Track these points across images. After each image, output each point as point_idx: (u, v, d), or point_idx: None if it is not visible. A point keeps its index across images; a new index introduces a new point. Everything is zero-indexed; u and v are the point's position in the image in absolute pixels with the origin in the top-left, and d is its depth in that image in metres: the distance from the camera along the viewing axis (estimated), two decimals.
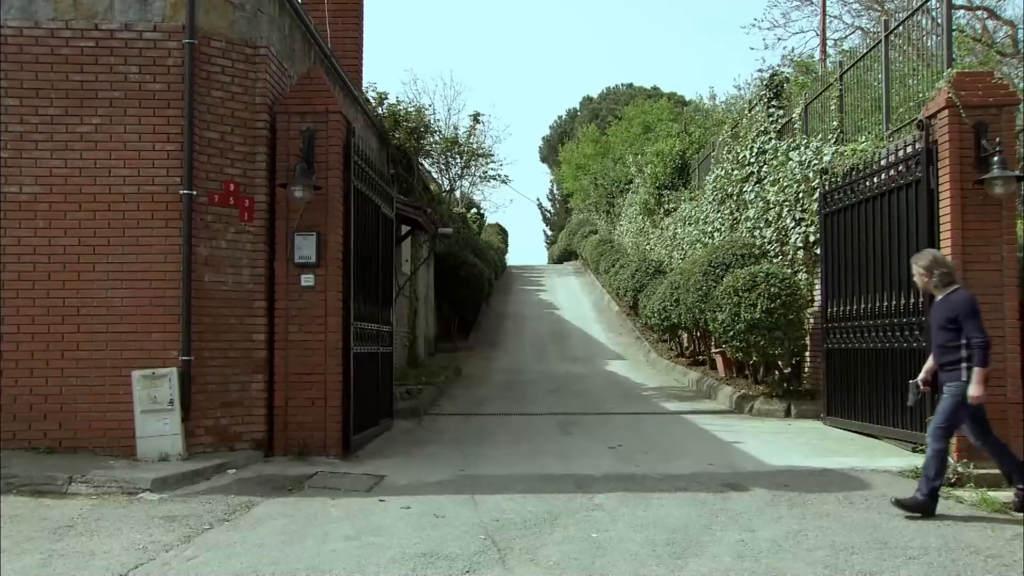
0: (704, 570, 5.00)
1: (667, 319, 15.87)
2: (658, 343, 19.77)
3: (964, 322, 6.40)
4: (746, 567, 5.06)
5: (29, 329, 7.51)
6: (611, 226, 33.34)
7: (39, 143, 7.64)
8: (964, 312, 6.42)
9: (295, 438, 8.13)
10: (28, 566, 4.88)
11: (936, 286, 6.65)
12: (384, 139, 14.73)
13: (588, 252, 34.75)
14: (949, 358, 6.48)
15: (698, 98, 43.04)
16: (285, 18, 8.91)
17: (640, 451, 8.73)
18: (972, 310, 6.43)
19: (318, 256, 8.23)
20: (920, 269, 6.75)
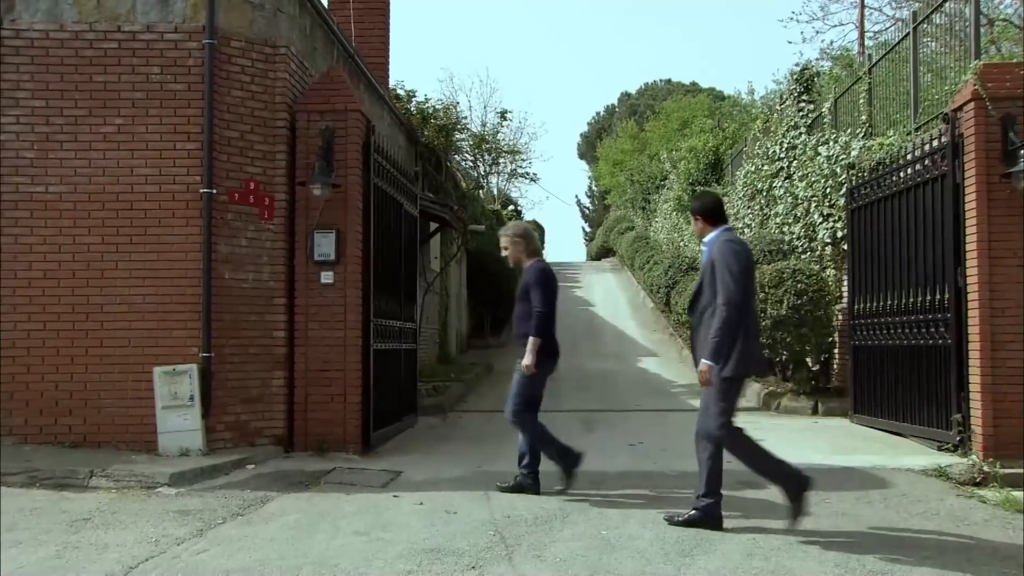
0: (712, 568, 4.96)
1: None
2: None
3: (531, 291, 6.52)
4: (755, 565, 5.01)
5: (55, 326, 7.66)
6: (647, 222, 33.19)
7: (64, 143, 7.78)
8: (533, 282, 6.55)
9: (315, 434, 8.21)
10: (43, 558, 4.98)
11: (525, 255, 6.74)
12: (412, 137, 14.79)
13: (624, 249, 34.65)
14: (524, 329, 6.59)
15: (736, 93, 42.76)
16: (306, 17, 8.98)
17: (659, 448, 8.69)
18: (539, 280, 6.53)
19: (337, 253, 8.29)
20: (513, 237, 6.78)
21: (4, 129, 7.80)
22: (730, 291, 5.58)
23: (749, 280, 5.76)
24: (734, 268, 5.61)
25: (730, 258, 5.64)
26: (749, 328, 5.71)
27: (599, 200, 59.08)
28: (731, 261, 5.63)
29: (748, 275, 5.75)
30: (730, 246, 5.72)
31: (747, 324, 5.69)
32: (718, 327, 5.58)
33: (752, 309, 5.84)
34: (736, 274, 5.60)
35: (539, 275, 6.56)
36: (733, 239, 5.84)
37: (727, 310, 5.57)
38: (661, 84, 58.92)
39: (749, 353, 5.69)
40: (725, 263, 5.63)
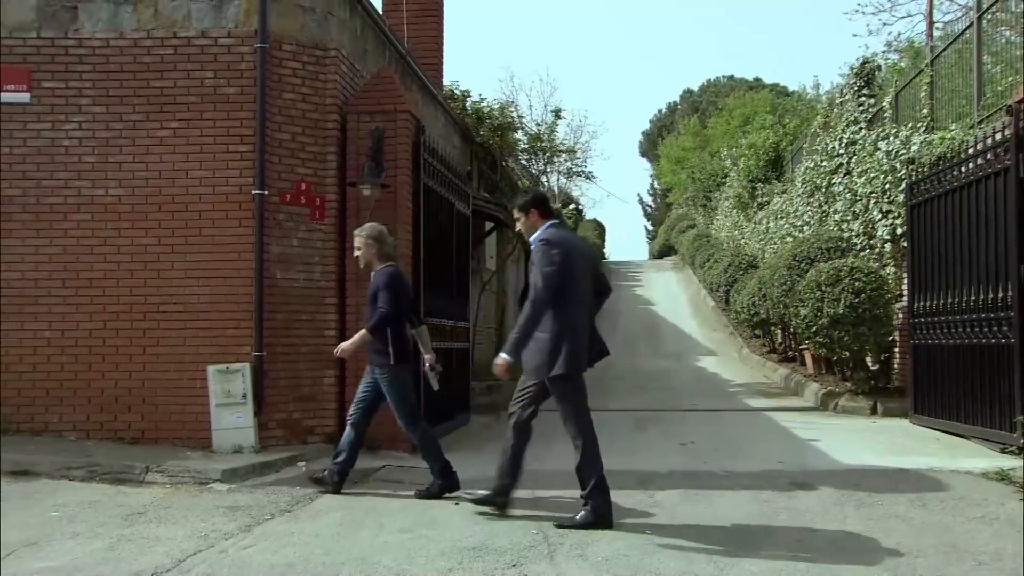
0: (755, 569, 4.89)
1: (756, 314, 15.58)
2: (751, 339, 19.40)
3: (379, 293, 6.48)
4: (800, 568, 4.93)
5: (114, 325, 7.88)
6: (708, 220, 32.88)
7: (123, 147, 8.00)
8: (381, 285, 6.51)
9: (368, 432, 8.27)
10: (97, 549, 5.12)
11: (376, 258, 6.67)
12: (467, 137, 14.85)
13: (685, 247, 34.39)
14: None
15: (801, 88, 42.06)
16: (356, 20, 9.08)
17: (711, 448, 8.60)
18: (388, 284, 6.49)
19: None
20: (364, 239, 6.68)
21: (68, 135, 8.06)
22: (538, 291, 5.63)
23: (567, 278, 5.71)
24: (546, 269, 5.65)
25: (543, 257, 5.69)
26: (574, 328, 5.73)
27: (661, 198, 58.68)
28: (543, 260, 5.68)
29: (565, 274, 5.70)
30: (546, 246, 5.73)
31: (572, 322, 5.70)
32: (521, 323, 5.68)
33: (579, 307, 5.82)
34: (548, 275, 5.63)
35: (388, 279, 6.55)
36: (550, 237, 5.81)
37: (532, 309, 5.64)
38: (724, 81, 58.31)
39: (578, 353, 5.74)
40: (538, 261, 5.71)
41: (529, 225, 5.95)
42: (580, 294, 5.83)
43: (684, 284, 31.05)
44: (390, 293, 6.47)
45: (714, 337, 21.48)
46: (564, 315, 5.68)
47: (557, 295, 5.65)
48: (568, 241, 5.91)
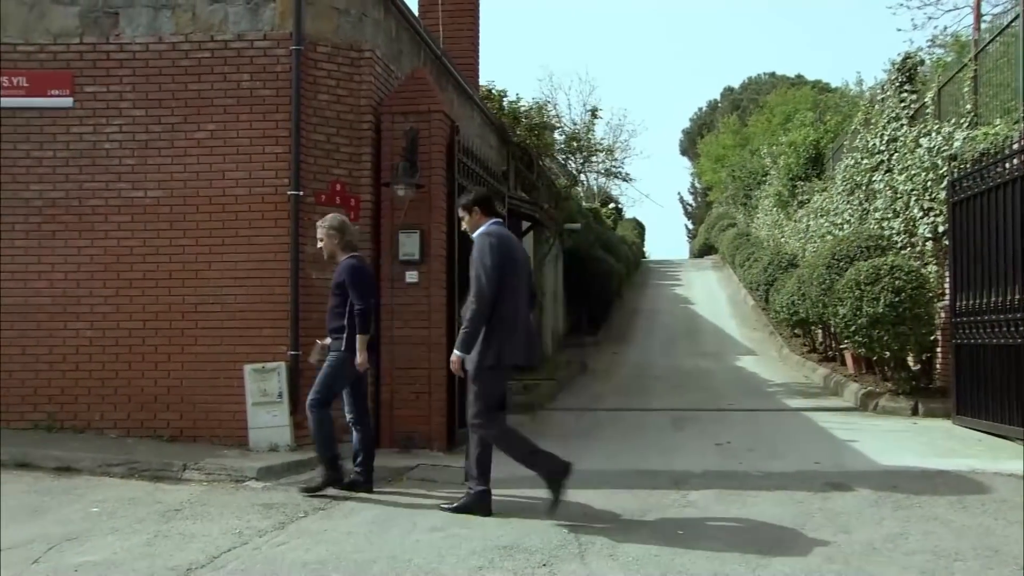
0: (787, 571, 4.85)
1: (795, 313, 15.42)
2: (791, 338, 19.20)
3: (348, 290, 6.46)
4: (834, 569, 4.88)
5: (153, 325, 8.01)
6: (748, 219, 32.61)
7: (161, 150, 8.13)
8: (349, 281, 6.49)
9: (400, 431, 8.35)
10: (134, 545, 5.22)
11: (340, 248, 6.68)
12: (504, 137, 14.87)
13: (725, 246, 34.17)
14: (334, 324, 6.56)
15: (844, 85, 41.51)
16: (391, 21, 9.14)
17: (747, 448, 8.54)
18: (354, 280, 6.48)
19: (421, 253, 8.42)
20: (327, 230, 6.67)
21: (109, 138, 8.20)
22: (480, 285, 5.79)
23: (506, 273, 5.86)
24: (487, 262, 5.81)
25: (485, 253, 5.84)
26: (507, 320, 5.86)
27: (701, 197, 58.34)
28: (485, 256, 5.82)
29: (504, 268, 5.85)
30: (486, 240, 5.90)
31: (507, 316, 5.86)
32: (468, 319, 5.82)
33: (514, 302, 5.94)
34: (488, 268, 5.79)
35: (354, 273, 6.56)
36: (491, 232, 5.98)
37: (477, 303, 5.79)
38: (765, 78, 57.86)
39: (510, 344, 5.87)
40: (480, 257, 5.85)
41: (473, 223, 6.14)
42: (517, 291, 5.99)
43: (724, 283, 30.84)
44: (360, 288, 6.53)
45: (754, 336, 21.30)
46: (500, 309, 5.85)
47: (496, 291, 5.81)
48: (508, 240, 6.09)
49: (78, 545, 5.19)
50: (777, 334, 20.10)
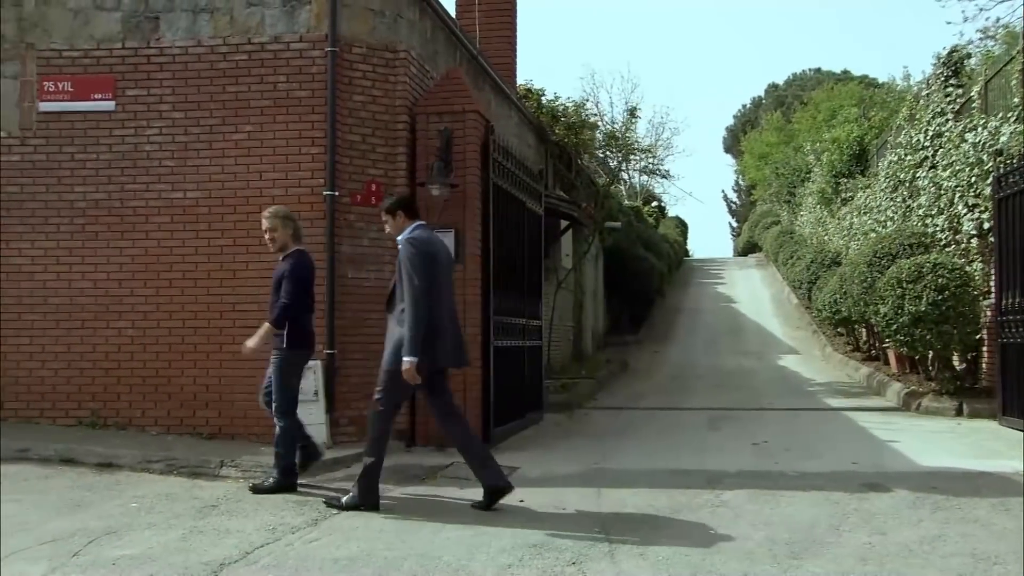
0: (820, 572, 4.79)
1: (837, 312, 15.23)
2: (835, 337, 18.98)
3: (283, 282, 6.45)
4: (868, 571, 4.81)
5: (192, 324, 8.14)
6: (792, 216, 32.26)
7: (200, 151, 8.25)
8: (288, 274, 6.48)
9: (435, 430, 8.31)
10: (170, 540, 5.30)
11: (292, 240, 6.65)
12: (542, 136, 14.87)
13: (768, 244, 33.87)
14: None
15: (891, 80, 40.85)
16: (426, 21, 9.18)
17: (783, 448, 8.45)
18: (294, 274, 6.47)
19: (456, 252, 8.42)
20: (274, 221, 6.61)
21: (149, 140, 8.35)
22: (414, 287, 5.91)
23: (432, 275, 6.02)
24: (415, 261, 5.95)
25: (412, 257, 5.98)
26: (435, 323, 6.00)
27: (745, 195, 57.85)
28: (414, 261, 5.96)
29: (430, 271, 6.00)
30: (410, 245, 6.04)
31: (435, 320, 6.01)
32: (410, 324, 5.88)
33: (441, 303, 6.09)
34: (420, 271, 5.94)
35: (296, 268, 6.55)
36: (414, 237, 6.11)
37: (415, 308, 5.89)
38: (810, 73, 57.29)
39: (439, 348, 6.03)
40: (408, 262, 5.98)
41: (397, 227, 6.24)
42: (441, 292, 6.14)
43: (768, 281, 30.56)
44: (295, 284, 6.52)
45: (797, 335, 21.10)
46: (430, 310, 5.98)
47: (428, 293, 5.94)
48: (434, 242, 6.27)
49: (116, 539, 5.29)
50: (820, 333, 19.88)
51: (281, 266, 6.63)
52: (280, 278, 6.56)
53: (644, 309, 24.36)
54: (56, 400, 8.28)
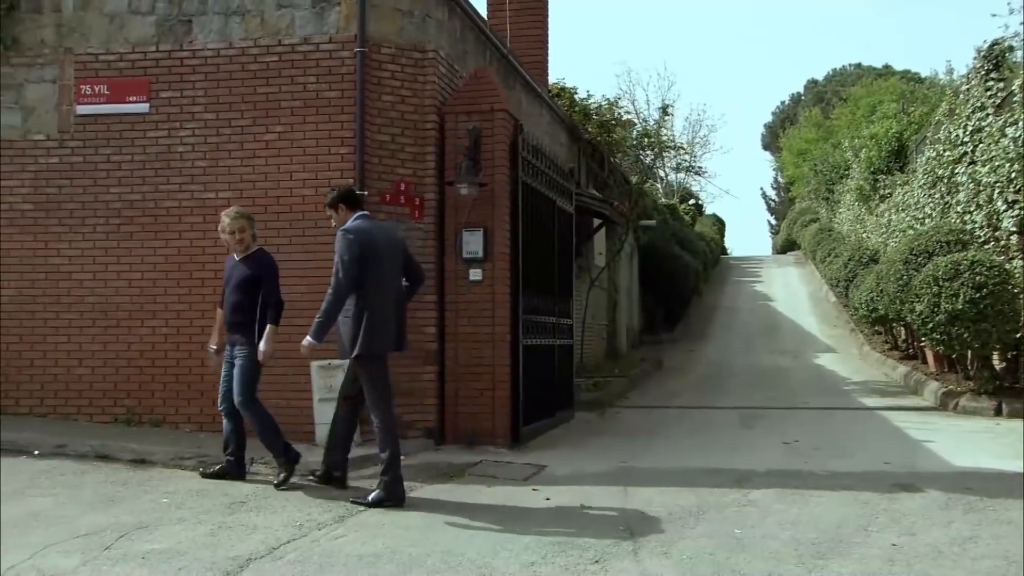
0: (846, 572, 4.76)
1: (874, 310, 15.02)
2: (872, 336, 18.74)
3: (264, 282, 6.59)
4: (895, 572, 4.77)
5: None
6: (831, 214, 31.88)
7: (231, 152, 8.35)
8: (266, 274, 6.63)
9: (465, 427, 8.42)
10: (198, 535, 5.39)
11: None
12: (575, 134, 14.85)
13: (807, 241, 33.52)
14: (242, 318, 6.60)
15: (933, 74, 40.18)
16: (455, 21, 9.22)
17: (814, 447, 8.37)
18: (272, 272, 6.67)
19: (485, 251, 8.47)
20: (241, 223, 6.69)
21: (182, 141, 8.47)
22: (338, 279, 6.13)
23: (368, 265, 6.19)
24: (344, 257, 6.13)
25: (342, 248, 6.16)
26: (377, 310, 6.22)
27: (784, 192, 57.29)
28: (343, 251, 6.15)
29: (366, 261, 6.17)
30: (344, 235, 6.21)
31: (372, 306, 6.20)
32: (322, 309, 6.16)
33: (380, 291, 6.27)
34: (345, 263, 6.12)
35: (270, 266, 6.73)
36: (350, 228, 6.26)
37: (333, 295, 6.13)
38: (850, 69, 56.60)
39: (375, 333, 6.20)
40: (339, 252, 6.17)
41: (340, 219, 6.41)
42: (382, 280, 6.29)
43: (806, 280, 30.25)
44: (276, 281, 6.74)
45: (834, 334, 20.87)
46: (364, 299, 6.19)
47: (357, 281, 6.14)
48: (370, 231, 6.35)
49: (147, 534, 5.38)
50: (858, 331, 19.65)
51: (246, 267, 6.70)
52: (249, 279, 6.65)
53: (680, 307, 24.24)
54: (93, 397, 8.43)
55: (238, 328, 6.68)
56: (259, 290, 6.63)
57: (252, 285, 6.64)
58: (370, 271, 6.20)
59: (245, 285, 6.64)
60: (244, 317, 6.65)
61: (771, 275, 32.54)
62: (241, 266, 6.72)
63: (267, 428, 6.71)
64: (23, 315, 8.62)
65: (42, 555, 4.95)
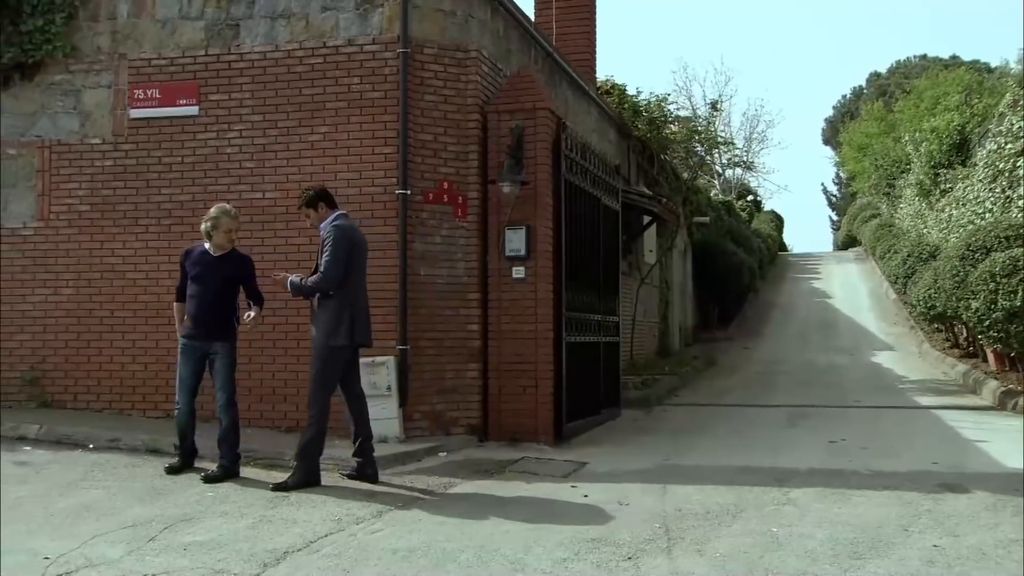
0: (882, 573, 4.69)
1: (932, 307, 14.71)
2: (933, 334, 18.34)
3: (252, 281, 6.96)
4: (934, 573, 4.69)
5: (271, 320, 8.36)
6: (892, 209, 31.23)
7: (278, 153, 8.52)
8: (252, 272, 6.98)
9: (508, 424, 8.47)
10: (239, 528, 5.51)
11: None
12: (624, 131, 14.80)
13: (867, 237, 32.91)
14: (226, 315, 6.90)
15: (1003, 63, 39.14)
16: (499, 20, 9.26)
17: (860, 446, 8.24)
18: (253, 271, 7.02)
19: (527, 249, 8.51)
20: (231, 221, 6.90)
21: (230, 143, 8.66)
22: (328, 266, 6.44)
23: (354, 260, 6.57)
24: (338, 252, 6.45)
25: (337, 240, 6.47)
26: (358, 304, 6.60)
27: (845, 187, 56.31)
28: (338, 243, 6.46)
29: (353, 255, 6.56)
30: (337, 228, 6.55)
31: (355, 300, 6.57)
32: (313, 282, 6.50)
33: (360, 287, 6.66)
34: (340, 258, 6.45)
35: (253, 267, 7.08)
36: (343, 226, 6.63)
37: (324, 280, 6.46)
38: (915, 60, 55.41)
39: (359, 326, 6.59)
40: (334, 244, 6.45)
41: (319, 217, 6.70)
42: (362, 276, 6.72)
43: (866, 276, 29.71)
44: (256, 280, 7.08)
45: (893, 331, 20.48)
46: (347, 294, 6.54)
47: (345, 275, 6.47)
48: (356, 230, 6.79)
49: (190, 526, 5.52)
50: (918, 329, 19.25)
51: (231, 267, 6.91)
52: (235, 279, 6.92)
53: (735, 305, 24.01)
54: (146, 393, 8.67)
55: (222, 325, 6.88)
56: (237, 289, 6.96)
57: (236, 285, 6.93)
58: (354, 268, 6.59)
59: (230, 285, 6.91)
60: (228, 315, 6.93)
61: (830, 272, 32.05)
62: (224, 265, 6.88)
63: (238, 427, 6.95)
64: (81, 313, 8.90)
65: (90, 544, 5.12)
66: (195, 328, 6.86)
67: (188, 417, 6.99)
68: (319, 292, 6.52)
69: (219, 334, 6.87)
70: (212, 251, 6.91)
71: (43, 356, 8.94)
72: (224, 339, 6.88)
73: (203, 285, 6.83)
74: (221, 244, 6.92)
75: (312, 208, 6.72)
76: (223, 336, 6.89)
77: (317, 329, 6.58)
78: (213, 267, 6.85)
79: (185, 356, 6.92)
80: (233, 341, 6.94)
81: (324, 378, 6.62)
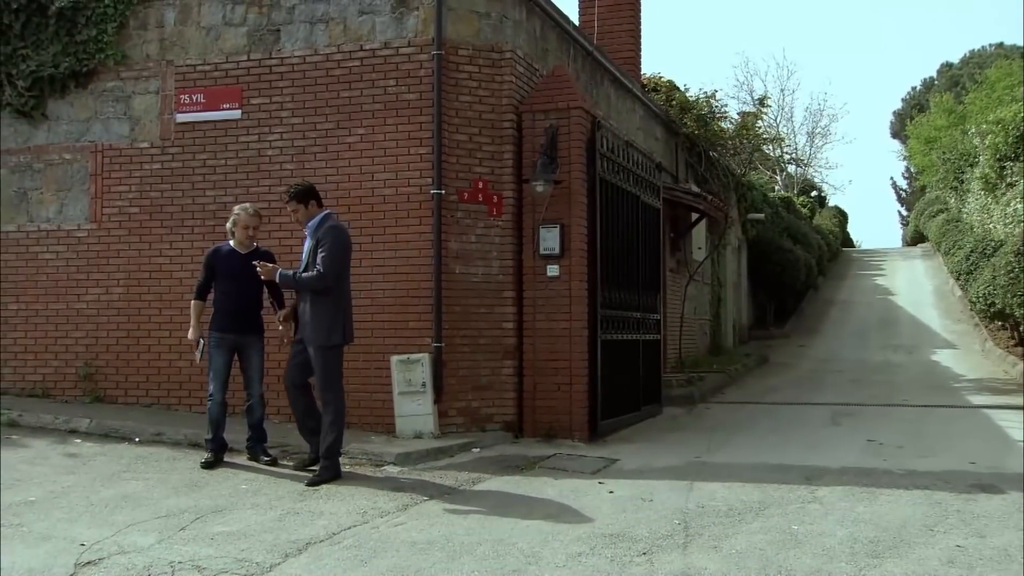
0: (899, 572, 4.66)
1: (992, 304, 14.35)
2: (998, 331, 17.87)
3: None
4: (952, 574, 4.63)
5: None
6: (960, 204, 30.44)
7: (316, 154, 8.70)
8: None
9: (542, 421, 8.53)
10: (267, 519, 5.68)
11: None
12: (672, 128, 14.73)
13: (933, 233, 32.12)
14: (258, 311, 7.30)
15: None
16: (535, 20, 9.32)
17: (898, 445, 8.11)
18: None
19: (561, 247, 8.55)
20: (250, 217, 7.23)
21: (271, 145, 8.88)
22: (328, 265, 6.57)
23: (348, 261, 6.81)
24: (337, 251, 6.64)
25: (339, 240, 6.69)
26: (348, 303, 6.83)
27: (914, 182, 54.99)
28: (339, 243, 6.67)
29: (347, 256, 6.79)
30: (338, 230, 6.78)
31: (347, 300, 6.81)
32: (310, 278, 6.60)
33: (349, 285, 6.87)
34: (338, 257, 6.65)
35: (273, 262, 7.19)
36: (340, 225, 6.93)
37: (320, 277, 6.56)
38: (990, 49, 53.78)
39: (350, 323, 6.83)
40: (335, 243, 6.63)
41: (307, 214, 6.83)
42: (349, 278, 6.92)
43: (931, 273, 29.02)
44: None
45: (957, 329, 20.00)
46: (343, 294, 6.76)
47: (339, 276, 6.68)
48: (348, 233, 7.02)
49: (220, 517, 5.72)
50: (982, 326, 18.77)
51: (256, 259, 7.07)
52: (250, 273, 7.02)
53: (792, 302, 23.68)
54: (192, 389, 8.93)
55: (254, 321, 7.23)
56: (263, 286, 7.15)
57: (261, 282, 7.06)
58: (347, 267, 6.83)
59: (258, 281, 7.05)
60: (258, 309, 7.25)
61: (895, 268, 31.41)
62: (251, 262, 7.06)
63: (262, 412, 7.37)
64: (131, 311, 9.21)
65: (124, 533, 5.34)
66: (231, 322, 7.15)
67: (221, 408, 7.25)
68: (312, 289, 6.61)
69: (253, 327, 7.23)
70: (239, 249, 7.24)
71: (96, 353, 9.28)
72: (257, 332, 7.26)
73: (236, 282, 7.13)
74: (241, 241, 7.23)
75: (303, 204, 6.83)
76: (257, 329, 7.26)
77: (314, 329, 6.65)
78: (243, 264, 7.11)
79: (219, 349, 7.20)
80: (263, 334, 7.26)
81: (330, 379, 6.76)
